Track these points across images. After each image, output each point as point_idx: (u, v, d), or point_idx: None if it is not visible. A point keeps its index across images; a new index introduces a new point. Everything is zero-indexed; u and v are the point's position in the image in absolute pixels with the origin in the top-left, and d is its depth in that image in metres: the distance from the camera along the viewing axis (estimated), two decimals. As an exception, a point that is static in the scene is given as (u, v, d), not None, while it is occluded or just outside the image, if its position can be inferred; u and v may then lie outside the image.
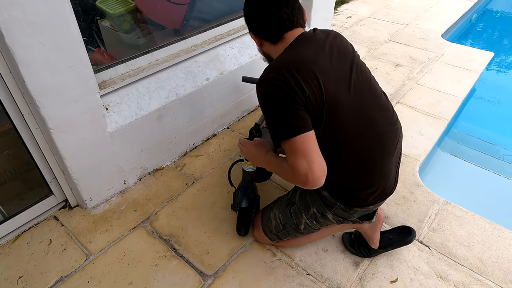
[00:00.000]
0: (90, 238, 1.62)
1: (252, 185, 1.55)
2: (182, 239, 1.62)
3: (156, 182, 1.92)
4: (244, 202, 1.50)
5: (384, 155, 1.20)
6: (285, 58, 1.16)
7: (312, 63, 1.10)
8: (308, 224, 1.36)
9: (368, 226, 1.48)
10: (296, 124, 1.06)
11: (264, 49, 1.30)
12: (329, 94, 1.09)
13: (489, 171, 2.30)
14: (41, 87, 1.32)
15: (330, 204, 1.27)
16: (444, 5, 4.36)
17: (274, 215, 1.46)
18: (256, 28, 1.23)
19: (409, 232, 1.53)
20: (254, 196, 1.55)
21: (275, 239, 1.50)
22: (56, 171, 1.63)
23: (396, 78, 2.88)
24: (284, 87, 1.07)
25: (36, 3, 1.19)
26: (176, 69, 1.91)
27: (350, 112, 1.13)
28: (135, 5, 2.26)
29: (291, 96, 1.07)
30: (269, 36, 1.21)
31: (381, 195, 1.25)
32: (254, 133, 1.50)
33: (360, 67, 1.19)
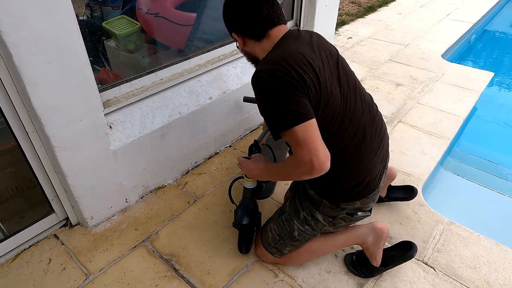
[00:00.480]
0: (90, 257, 1.60)
1: (253, 202, 1.54)
2: (183, 259, 1.60)
3: (158, 200, 1.92)
4: (245, 219, 1.49)
5: (368, 150, 1.24)
6: (278, 52, 1.16)
7: (307, 56, 1.13)
8: (301, 229, 1.38)
9: (371, 241, 1.46)
10: (298, 111, 1.06)
11: (248, 49, 1.28)
12: (325, 85, 1.13)
13: (493, 190, 2.28)
14: (46, 106, 1.34)
15: (317, 202, 1.31)
16: (443, 26, 4.44)
17: (270, 227, 1.49)
18: (239, 27, 1.23)
19: (410, 247, 1.49)
20: (255, 213, 1.54)
21: (275, 252, 1.49)
22: (58, 189, 1.63)
23: (397, 97, 2.90)
24: (284, 76, 1.07)
25: (44, 25, 1.23)
26: (180, 88, 1.94)
27: (341, 106, 1.17)
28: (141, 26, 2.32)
29: (291, 83, 1.07)
30: (253, 33, 1.21)
31: (365, 189, 1.27)
32: (254, 150, 1.50)
33: (344, 65, 1.26)
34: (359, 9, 5.13)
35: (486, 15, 5.03)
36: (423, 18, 4.72)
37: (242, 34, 1.24)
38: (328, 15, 2.75)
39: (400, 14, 4.88)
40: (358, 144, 1.22)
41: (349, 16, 4.81)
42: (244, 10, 1.19)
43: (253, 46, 1.25)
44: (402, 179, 2.05)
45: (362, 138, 1.22)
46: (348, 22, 4.60)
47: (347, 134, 1.19)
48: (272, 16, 1.19)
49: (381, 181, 1.33)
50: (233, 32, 1.26)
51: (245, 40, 1.25)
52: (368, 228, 1.47)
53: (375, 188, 1.30)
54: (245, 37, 1.24)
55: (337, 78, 1.19)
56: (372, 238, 1.46)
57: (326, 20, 2.74)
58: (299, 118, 1.07)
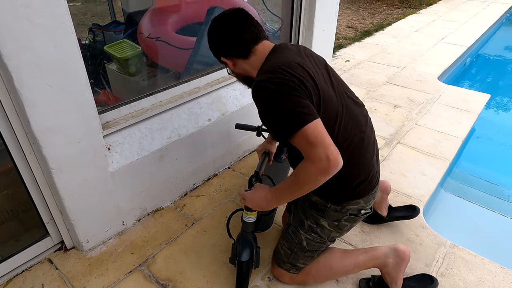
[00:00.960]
0: (84, 283, 1.56)
1: (252, 236, 1.46)
2: (180, 284, 1.55)
3: (155, 223, 1.89)
4: (244, 255, 1.40)
5: (367, 146, 1.29)
6: (273, 62, 1.19)
7: (301, 63, 1.17)
8: (309, 238, 1.39)
9: (392, 264, 1.41)
10: (304, 111, 1.08)
11: (238, 70, 1.32)
12: (321, 89, 1.17)
13: (494, 212, 2.25)
14: (45, 127, 1.34)
15: (321, 208, 1.33)
16: (439, 49, 4.53)
17: (280, 244, 1.50)
18: (226, 49, 1.27)
19: (431, 281, 1.46)
20: (254, 249, 1.45)
21: (291, 268, 1.48)
22: (54, 211, 1.61)
23: (396, 119, 2.92)
24: (285, 81, 1.10)
25: (46, 49, 1.25)
26: (179, 110, 1.95)
27: (338, 107, 1.21)
28: (141, 50, 2.36)
29: (293, 87, 1.10)
30: (240, 52, 1.26)
31: (369, 186, 1.30)
32: (254, 181, 1.44)
33: (333, 71, 1.31)
34: (356, 33, 5.25)
35: (480, 38, 5.14)
36: (418, 42, 4.83)
37: (230, 56, 1.28)
38: (326, 39, 2.81)
39: (396, 38, 5.00)
40: (360, 141, 1.25)
41: (346, 40, 4.92)
42: (228, 33, 1.24)
43: (242, 66, 1.29)
44: (403, 201, 2.03)
45: (362, 136, 1.26)
46: (345, 46, 4.69)
47: (348, 133, 1.23)
48: (254, 32, 1.25)
49: (379, 177, 1.38)
50: (221, 56, 1.30)
51: (234, 61, 1.29)
52: (389, 249, 1.44)
53: (376, 183, 1.34)
54: (233, 58, 1.29)
55: (330, 82, 1.24)
56: (393, 260, 1.41)
57: (324, 44, 2.80)
58: (307, 119, 1.08)
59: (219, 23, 1.27)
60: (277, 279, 1.56)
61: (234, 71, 1.34)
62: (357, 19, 6.13)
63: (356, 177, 1.27)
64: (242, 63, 1.29)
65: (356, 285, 1.56)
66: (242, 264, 1.40)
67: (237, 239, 1.46)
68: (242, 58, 1.27)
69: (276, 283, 1.56)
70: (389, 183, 1.78)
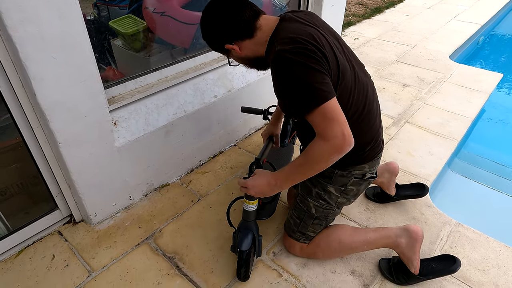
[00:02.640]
0: (93, 254, 1.60)
1: (253, 224, 1.44)
2: (186, 257, 1.59)
3: (162, 198, 1.91)
4: (244, 244, 1.37)
5: (373, 114, 1.31)
6: (291, 31, 1.12)
7: (319, 32, 1.13)
8: (317, 205, 1.42)
9: (405, 244, 1.42)
10: (325, 89, 1.06)
11: (246, 52, 1.24)
12: (340, 61, 1.15)
13: (501, 192, 2.24)
14: (51, 101, 1.34)
15: (328, 175, 1.35)
16: (451, 27, 4.40)
17: (290, 214, 1.53)
18: (230, 34, 1.20)
19: (453, 261, 1.43)
20: (255, 237, 1.43)
21: (300, 237, 1.51)
22: (63, 185, 1.63)
23: (404, 98, 2.87)
24: (309, 53, 1.06)
25: (50, 20, 1.23)
26: (185, 86, 1.93)
27: (351, 75, 1.20)
28: (147, 25, 2.32)
29: (317, 60, 1.06)
30: (246, 32, 1.19)
31: (374, 151, 1.34)
32: (255, 168, 1.40)
33: (342, 40, 1.28)
34: (366, 10, 5.10)
35: (495, 16, 4.98)
36: (430, 19, 4.68)
37: (235, 39, 1.21)
38: (335, 15, 2.73)
39: (407, 16, 4.85)
40: (367, 110, 1.27)
41: (355, 17, 4.79)
42: (228, 16, 1.18)
43: (249, 46, 1.22)
44: (409, 180, 2.02)
45: (370, 105, 1.28)
46: (355, 23, 4.58)
47: (359, 104, 1.23)
48: (252, 9, 1.20)
49: (383, 143, 1.40)
50: (225, 44, 1.22)
51: (240, 45, 1.22)
52: (400, 229, 1.44)
53: (381, 149, 1.38)
54: (239, 41, 1.21)
55: (342, 51, 1.22)
56: (405, 240, 1.42)
57: (333, 20, 2.72)
58: (327, 96, 1.06)
59: (215, 10, 1.20)
60: (288, 250, 1.60)
61: (241, 56, 1.26)
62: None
63: (363, 144, 1.29)
64: (248, 43, 1.22)
65: (360, 260, 1.58)
66: (243, 253, 1.38)
67: (238, 227, 1.44)
68: (247, 38, 1.20)
69: (280, 258, 1.58)
70: (397, 164, 1.77)
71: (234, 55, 1.27)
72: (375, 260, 1.58)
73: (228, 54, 1.28)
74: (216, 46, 1.27)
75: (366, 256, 1.60)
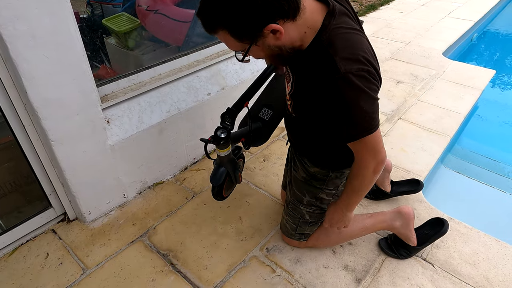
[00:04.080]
0: (87, 252, 1.60)
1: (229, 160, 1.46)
2: (180, 254, 1.59)
3: (156, 196, 1.91)
4: (215, 179, 1.45)
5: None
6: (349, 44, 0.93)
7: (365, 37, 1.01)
8: (310, 212, 1.44)
9: (400, 224, 1.52)
10: (376, 117, 1.01)
11: (285, 40, 0.93)
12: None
13: (493, 188, 2.26)
14: (43, 99, 1.34)
15: (321, 178, 1.34)
16: (445, 24, 4.41)
17: (285, 220, 1.56)
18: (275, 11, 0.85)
19: (442, 223, 1.55)
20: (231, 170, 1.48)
21: (300, 237, 1.56)
22: (56, 183, 1.63)
23: (398, 94, 2.89)
24: (371, 77, 0.94)
25: (41, 18, 1.23)
26: (178, 84, 1.94)
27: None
28: (140, 23, 2.32)
29: (377, 86, 0.98)
30: (292, 10, 0.88)
31: None
32: (227, 117, 1.36)
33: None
34: (360, 8, 5.11)
35: (488, 13, 5.00)
36: (424, 16, 4.70)
37: (280, 17, 0.87)
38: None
39: (402, 13, 4.87)
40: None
41: (350, 15, 4.79)
42: None
43: (290, 31, 0.92)
44: (402, 176, 2.04)
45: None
46: (349, 21, 4.58)
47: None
48: None
49: None
50: (268, 24, 0.86)
51: (281, 30, 0.88)
52: (393, 213, 1.54)
53: None
54: (283, 21, 0.89)
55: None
56: (400, 222, 1.52)
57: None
58: (375, 125, 1.00)
59: None
60: (288, 244, 1.63)
61: (278, 44, 0.93)
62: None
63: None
64: (289, 27, 0.91)
65: (353, 255, 1.59)
66: (214, 188, 1.48)
67: (215, 160, 1.49)
68: (291, 19, 0.90)
69: (274, 254, 1.59)
70: (391, 161, 1.80)
71: (268, 42, 0.92)
72: (367, 255, 1.60)
73: (255, 41, 0.91)
74: (247, 29, 0.88)
75: (358, 252, 1.61)
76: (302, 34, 0.95)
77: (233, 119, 1.38)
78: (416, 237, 1.54)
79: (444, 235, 1.56)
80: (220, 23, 0.88)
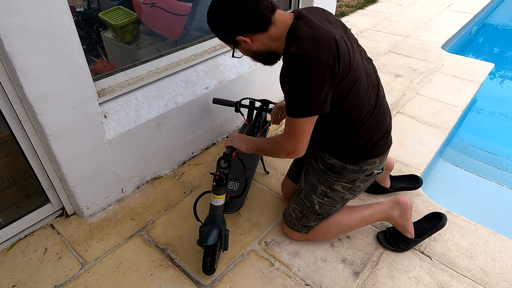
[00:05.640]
0: (86, 247, 1.60)
1: (220, 219, 1.43)
2: (179, 248, 1.60)
3: (154, 190, 1.91)
4: (210, 239, 1.36)
5: (386, 105, 1.37)
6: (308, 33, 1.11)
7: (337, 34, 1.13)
8: (321, 202, 1.46)
9: (398, 214, 1.54)
10: (314, 106, 1.13)
11: (256, 46, 1.21)
12: (355, 61, 1.17)
13: (491, 181, 2.26)
14: (39, 94, 1.33)
15: (338, 170, 1.38)
16: (443, 17, 4.39)
17: (291, 208, 1.56)
18: (244, 25, 1.15)
19: (440, 217, 1.56)
20: (222, 232, 1.43)
21: (302, 229, 1.56)
22: (53, 178, 1.62)
23: (396, 88, 2.88)
24: (329, 68, 1.08)
25: (35, 11, 1.21)
26: (176, 78, 1.92)
27: (363, 73, 1.22)
28: (137, 17, 2.29)
29: (329, 76, 1.10)
30: (260, 25, 1.15)
31: (385, 144, 1.37)
32: (223, 163, 1.38)
33: (352, 34, 1.30)
34: (359, 1, 5.08)
35: (487, 6, 4.98)
36: (423, 9, 4.68)
37: (248, 31, 1.17)
38: (327, 6, 2.71)
39: (401, 6, 4.84)
40: (381, 103, 1.31)
41: (349, 8, 4.77)
42: (242, 7, 1.13)
43: (262, 40, 1.20)
44: (400, 169, 2.04)
45: (382, 98, 1.33)
46: (348, 14, 4.56)
47: (372, 96, 1.27)
48: (268, 2, 1.17)
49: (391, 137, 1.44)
50: (236, 35, 1.17)
51: (252, 38, 1.18)
52: (391, 203, 1.56)
53: (391, 142, 1.42)
54: (253, 34, 1.18)
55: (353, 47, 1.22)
56: (397, 211, 1.54)
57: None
58: (309, 112, 1.14)
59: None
60: (287, 236, 1.63)
61: (251, 49, 1.22)
62: (361, -14, 5.91)
63: (378, 138, 1.33)
64: (261, 37, 1.19)
65: (351, 249, 1.60)
66: (208, 248, 1.37)
67: (204, 222, 1.43)
68: (261, 31, 1.17)
69: (272, 247, 1.60)
70: (392, 161, 1.83)
71: (244, 47, 1.24)
72: (366, 248, 1.60)
73: (236, 45, 1.24)
74: (224, 36, 1.22)
75: (357, 245, 1.62)
76: (275, 39, 1.19)
77: (229, 163, 1.39)
78: (413, 229, 1.55)
79: (442, 228, 1.56)
80: (211, 29, 1.23)
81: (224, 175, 1.36)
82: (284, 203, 1.83)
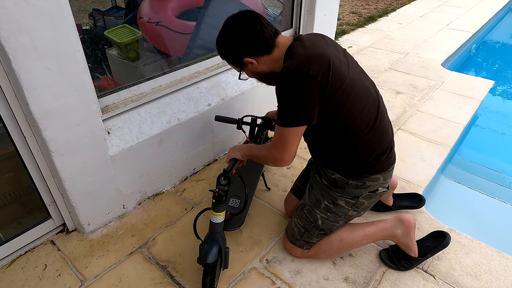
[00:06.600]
0: (86, 264, 1.59)
1: (220, 236, 1.41)
2: (179, 266, 1.58)
3: (156, 206, 1.91)
4: (210, 257, 1.35)
5: (388, 122, 1.40)
6: (302, 52, 1.21)
7: (330, 52, 1.21)
8: (324, 217, 1.46)
9: (401, 232, 1.52)
10: (301, 117, 1.20)
11: (262, 68, 1.32)
12: (349, 79, 1.22)
13: (494, 198, 2.25)
14: (44, 110, 1.35)
15: (341, 185, 1.39)
16: (443, 35, 4.46)
17: (294, 223, 1.56)
18: (251, 48, 1.27)
19: (444, 236, 1.54)
20: (222, 250, 1.41)
21: (304, 245, 1.55)
22: (56, 194, 1.63)
23: (397, 105, 2.90)
24: (316, 82, 1.15)
25: (43, 31, 1.24)
26: (179, 95, 1.95)
27: (361, 90, 1.27)
28: (142, 35, 2.35)
29: (317, 92, 1.17)
30: (266, 47, 1.27)
31: (388, 160, 1.38)
32: (223, 179, 1.37)
33: (351, 56, 1.36)
34: (360, 19, 5.17)
35: (486, 24, 5.05)
36: (423, 27, 4.75)
37: (255, 54, 1.28)
38: (327, 24, 2.77)
39: (401, 24, 4.92)
40: (381, 117, 1.34)
41: (349, 26, 4.85)
42: (250, 31, 1.24)
43: (266, 62, 1.30)
44: (402, 186, 2.04)
45: (383, 114, 1.35)
46: (349, 32, 4.63)
47: (372, 111, 1.30)
48: (272, 27, 1.29)
49: (395, 155, 1.46)
50: (244, 57, 1.28)
51: (258, 60, 1.29)
52: (394, 221, 1.54)
53: (394, 160, 1.44)
54: (258, 56, 1.29)
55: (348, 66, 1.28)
56: (401, 230, 1.52)
57: (325, 29, 2.76)
58: (296, 123, 1.21)
59: (238, 24, 1.26)
60: (289, 252, 1.62)
61: (257, 70, 1.33)
62: (361, 5, 6.03)
63: (379, 154, 1.34)
64: (266, 59, 1.29)
65: (353, 267, 1.58)
66: (208, 266, 1.35)
67: (204, 239, 1.42)
68: (266, 54, 1.28)
69: (274, 265, 1.58)
70: (396, 179, 1.82)
71: (250, 69, 1.34)
72: (368, 267, 1.58)
73: (243, 67, 1.34)
74: (233, 59, 1.33)
75: (359, 263, 1.60)
76: (277, 60, 1.29)
77: (229, 180, 1.38)
78: (417, 248, 1.54)
79: (446, 247, 1.54)
80: (220, 53, 1.35)
81: (223, 192, 1.36)
82: (286, 220, 1.82)
